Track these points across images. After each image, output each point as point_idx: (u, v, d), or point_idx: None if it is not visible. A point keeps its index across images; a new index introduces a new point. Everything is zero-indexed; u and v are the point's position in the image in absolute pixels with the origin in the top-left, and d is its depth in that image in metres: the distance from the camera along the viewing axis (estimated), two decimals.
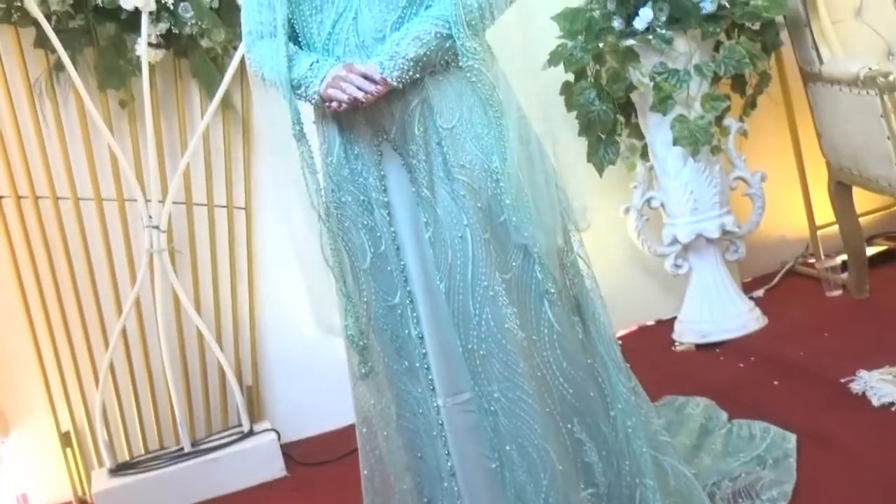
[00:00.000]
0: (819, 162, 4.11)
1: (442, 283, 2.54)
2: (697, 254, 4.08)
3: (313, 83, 2.47)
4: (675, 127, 3.81)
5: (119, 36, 3.78)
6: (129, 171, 3.75)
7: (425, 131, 2.50)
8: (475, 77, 2.46)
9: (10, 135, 3.82)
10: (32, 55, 3.80)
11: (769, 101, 4.17)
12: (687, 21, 3.78)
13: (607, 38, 3.82)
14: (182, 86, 3.96)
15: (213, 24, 3.78)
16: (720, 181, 4.00)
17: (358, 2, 2.46)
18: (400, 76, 2.42)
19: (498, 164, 2.48)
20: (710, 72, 3.83)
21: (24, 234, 3.87)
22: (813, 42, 3.87)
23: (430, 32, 2.42)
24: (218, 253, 4.05)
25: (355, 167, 2.57)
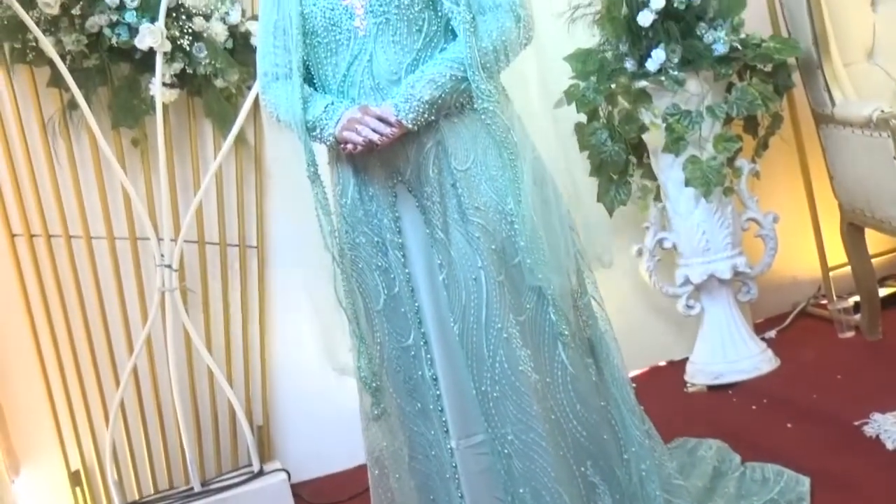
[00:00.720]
0: (831, 203, 4.11)
1: (456, 324, 2.55)
2: (709, 295, 4.07)
3: (328, 125, 2.49)
4: (688, 168, 3.81)
5: (133, 75, 3.79)
6: (141, 209, 3.76)
7: (440, 173, 2.51)
8: (490, 119, 2.48)
9: (23, 173, 3.83)
10: (47, 94, 3.81)
11: (781, 143, 4.17)
12: (699, 63, 3.79)
13: (619, 80, 3.83)
14: (195, 125, 3.97)
15: (226, 64, 3.79)
16: (732, 222, 4.00)
17: (373, 44, 2.48)
18: (415, 118, 2.43)
19: (513, 207, 2.49)
20: (723, 113, 3.83)
21: (36, 273, 3.87)
22: (825, 84, 3.88)
23: (445, 75, 2.44)
24: (230, 292, 4.05)
25: (370, 208, 2.58)
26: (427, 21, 2.48)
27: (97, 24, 3.65)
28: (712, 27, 3.81)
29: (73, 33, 3.65)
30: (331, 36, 2.50)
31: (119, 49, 3.71)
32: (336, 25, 2.49)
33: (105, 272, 3.91)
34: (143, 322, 3.88)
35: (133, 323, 3.94)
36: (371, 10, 2.46)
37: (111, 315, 3.93)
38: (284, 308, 4.10)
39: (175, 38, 3.69)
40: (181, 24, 3.69)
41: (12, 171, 3.82)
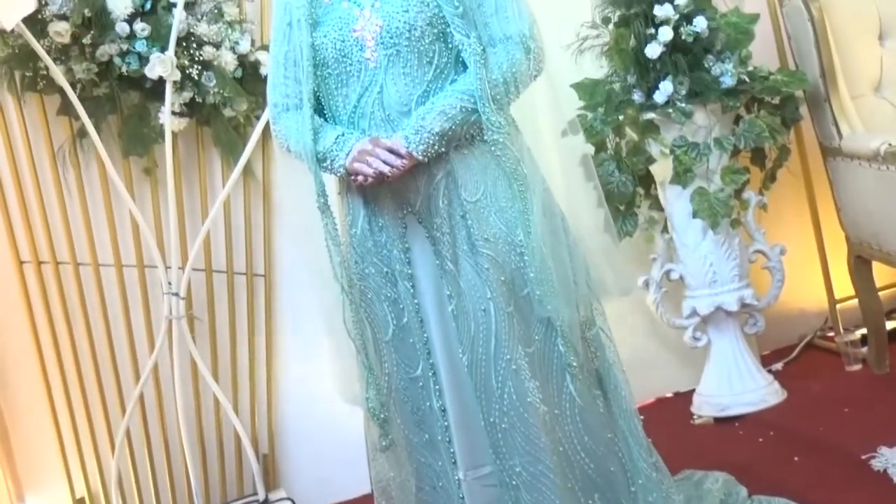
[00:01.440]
0: (838, 235, 4.11)
1: (464, 356, 2.55)
2: (716, 326, 4.07)
3: (339, 156, 2.50)
4: (695, 199, 3.82)
5: (143, 104, 3.81)
6: (149, 237, 3.76)
7: (450, 204, 2.52)
8: (500, 151, 2.49)
9: (32, 200, 3.84)
10: (57, 122, 3.83)
11: (789, 175, 4.17)
12: (707, 95, 3.80)
13: (627, 111, 3.85)
14: (204, 153, 3.99)
15: (235, 94, 3.80)
16: (739, 254, 4.00)
17: (383, 76, 2.49)
18: (425, 150, 2.44)
19: (522, 238, 2.50)
20: (730, 145, 3.84)
21: (43, 299, 3.88)
22: (833, 117, 3.89)
23: (455, 107, 2.45)
24: (237, 320, 4.05)
25: (379, 239, 2.59)
26: (437, 53, 2.49)
27: (107, 53, 3.67)
28: (720, 60, 3.82)
29: (83, 62, 3.67)
30: (341, 67, 2.52)
31: (129, 78, 3.72)
32: (347, 57, 2.51)
33: (112, 299, 3.92)
34: (150, 350, 3.88)
35: (140, 350, 3.94)
36: (382, 42, 2.48)
37: (118, 342, 3.93)
38: (291, 337, 4.10)
39: (185, 67, 3.70)
40: (191, 54, 3.71)
41: (22, 198, 3.83)
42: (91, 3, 3.59)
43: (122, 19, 3.64)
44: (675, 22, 3.77)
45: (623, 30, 3.85)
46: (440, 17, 2.47)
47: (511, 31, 2.50)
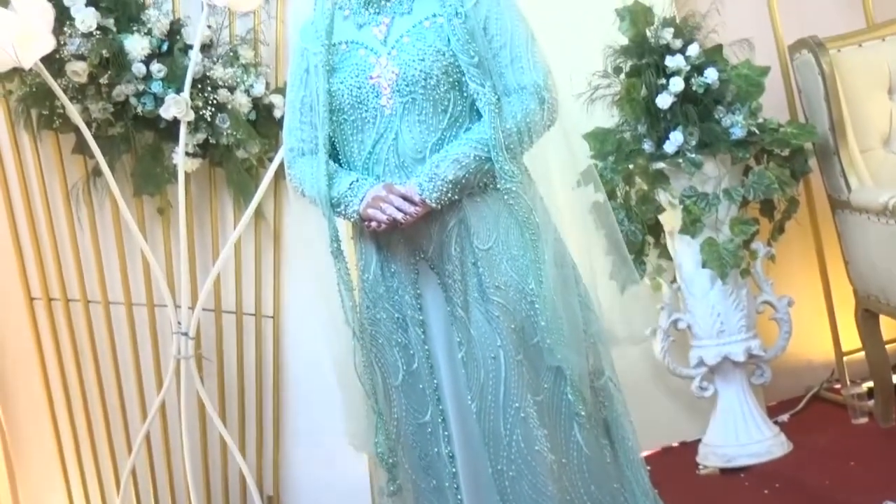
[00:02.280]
0: (846, 288, 4.12)
1: (473, 402, 2.56)
2: (723, 377, 4.07)
3: (353, 202, 2.51)
4: (705, 249, 3.83)
5: (157, 144, 3.84)
6: (160, 276, 3.78)
7: (462, 251, 2.54)
8: (512, 199, 2.51)
9: (45, 237, 3.88)
10: (71, 161, 3.87)
11: (797, 227, 4.18)
12: (717, 146, 3.82)
13: (637, 160, 3.87)
14: (216, 194, 4.01)
15: (248, 136, 3.83)
16: (747, 305, 4.00)
17: (399, 123, 2.51)
18: (439, 198, 2.46)
19: (533, 286, 2.51)
20: (739, 196, 3.86)
21: (53, 336, 3.90)
22: (841, 170, 3.91)
23: (469, 155, 2.47)
24: (245, 361, 4.06)
25: (391, 285, 2.60)
26: (452, 101, 2.51)
27: (124, 94, 3.72)
28: (730, 111, 3.85)
29: (99, 101, 3.72)
30: (357, 114, 2.54)
31: (144, 118, 3.76)
32: (363, 103, 2.53)
33: (122, 338, 3.94)
34: (158, 388, 3.89)
35: (147, 389, 3.96)
36: (398, 90, 2.50)
37: (126, 381, 3.95)
38: (299, 378, 4.11)
39: (199, 109, 3.74)
40: (206, 96, 3.74)
41: (34, 235, 3.87)
42: (109, 44, 3.64)
43: (139, 60, 3.69)
44: (686, 73, 3.80)
45: (634, 80, 3.88)
46: (456, 67, 2.49)
47: (526, 81, 2.52)
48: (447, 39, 2.50)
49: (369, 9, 2.57)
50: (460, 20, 2.48)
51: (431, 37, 2.51)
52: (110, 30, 3.67)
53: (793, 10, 4.35)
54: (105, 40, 3.64)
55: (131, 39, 3.68)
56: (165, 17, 3.79)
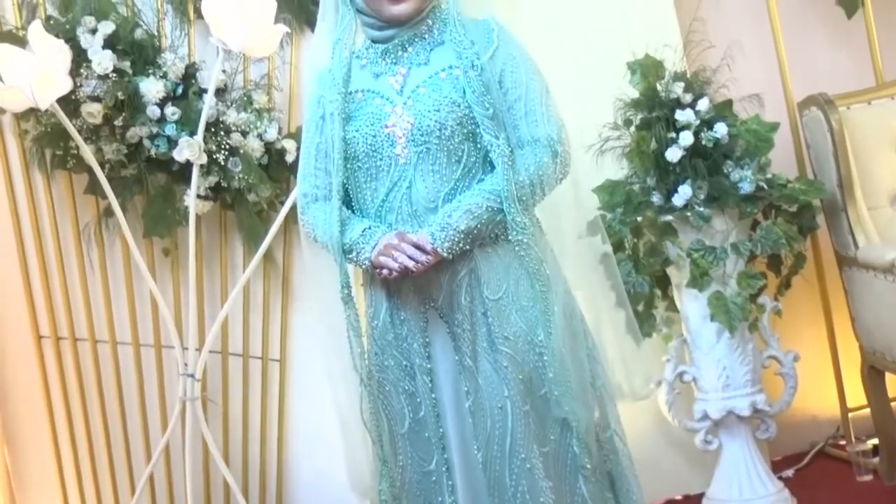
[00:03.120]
0: (852, 344, 4.12)
1: (479, 452, 2.56)
2: (728, 431, 4.06)
3: (365, 249, 2.53)
4: (712, 303, 3.84)
5: (169, 186, 3.87)
6: (168, 318, 3.79)
7: (472, 301, 2.55)
8: (523, 251, 2.52)
9: (55, 276, 3.90)
10: (83, 201, 3.89)
11: (804, 282, 4.19)
12: (725, 200, 3.83)
13: (646, 213, 3.88)
14: (226, 237, 4.03)
15: (260, 180, 3.85)
16: (753, 359, 4.00)
17: (412, 172, 2.53)
18: (450, 247, 2.48)
19: (542, 338, 2.52)
20: (747, 251, 3.87)
21: (59, 375, 3.92)
22: (849, 227, 3.92)
23: (481, 206, 2.49)
24: (250, 404, 4.07)
25: (400, 332, 2.61)
26: (466, 152, 2.53)
27: (137, 135, 3.74)
28: (739, 166, 3.86)
29: (113, 143, 3.74)
30: (371, 162, 2.56)
31: (157, 160, 3.79)
32: (377, 152, 2.55)
33: (128, 378, 3.96)
34: (163, 430, 3.89)
35: (152, 430, 3.96)
36: (412, 139, 2.52)
37: (131, 421, 3.96)
38: (303, 424, 4.11)
39: (212, 152, 3.76)
40: (219, 139, 3.77)
41: (44, 273, 3.89)
42: (124, 87, 3.67)
43: (154, 103, 3.71)
44: (695, 127, 3.82)
45: (644, 133, 3.90)
46: (470, 118, 2.51)
47: (539, 134, 2.54)
48: (463, 91, 2.52)
49: (386, 59, 2.60)
50: (476, 72, 2.50)
51: (447, 88, 2.53)
52: (126, 72, 3.70)
53: (803, 66, 4.38)
54: (121, 82, 3.67)
55: (147, 82, 3.71)
56: (181, 60, 3.82)
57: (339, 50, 2.59)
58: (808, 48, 4.49)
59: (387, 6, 2.54)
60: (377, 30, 2.60)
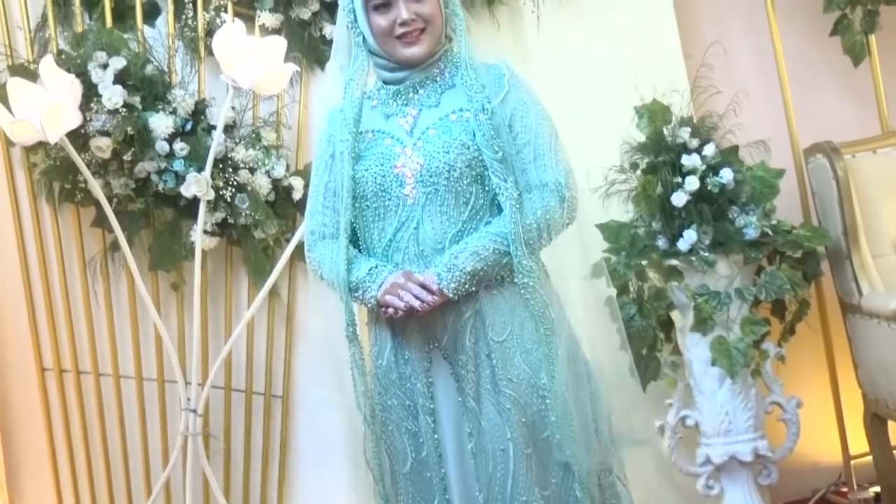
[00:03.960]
0: (855, 391, 4.12)
1: (481, 494, 2.56)
2: (730, 476, 4.05)
3: (371, 288, 2.54)
4: (715, 348, 3.84)
5: (176, 221, 3.88)
6: (172, 352, 3.79)
7: (476, 343, 2.56)
8: (529, 294, 2.53)
9: (60, 309, 3.91)
10: (90, 234, 3.91)
11: (808, 329, 4.19)
12: (730, 245, 3.84)
13: (651, 256, 3.89)
14: (232, 273, 4.04)
15: (266, 217, 3.87)
16: (756, 404, 4.00)
17: (420, 212, 2.54)
18: (456, 288, 2.48)
19: (546, 381, 2.53)
20: (751, 296, 3.87)
21: (62, 408, 3.92)
22: (853, 274, 3.93)
23: (488, 248, 2.50)
24: (252, 440, 4.06)
25: (404, 372, 2.61)
26: (474, 194, 2.54)
27: (146, 170, 3.76)
28: (744, 211, 3.87)
29: (121, 177, 3.76)
30: (380, 201, 2.57)
31: (164, 195, 3.81)
32: (386, 192, 2.56)
33: (130, 412, 3.96)
34: (164, 464, 3.89)
35: (154, 464, 3.96)
36: (421, 180, 2.54)
37: (133, 455, 3.96)
38: (305, 461, 4.10)
39: (219, 189, 3.77)
40: (227, 176, 3.79)
41: (50, 306, 3.90)
42: (134, 122, 3.69)
43: (163, 138, 3.73)
44: (701, 172, 3.83)
45: (650, 177, 3.91)
46: (479, 161, 2.53)
47: (547, 178, 2.56)
48: (472, 134, 2.54)
49: (397, 100, 2.61)
50: (486, 116, 2.52)
51: (457, 130, 2.55)
52: (136, 107, 3.72)
53: (809, 113, 4.40)
54: (130, 118, 3.69)
55: (156, 118, 3.73)
56: (191, 97, 3.85)
57: (350, 90, 2.61)
58: (815, 96, 4.51)
59: (399, 48, 2.56)
60: (389, 71, 2.62)
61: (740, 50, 4.43)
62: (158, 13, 4.02)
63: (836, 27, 4.29)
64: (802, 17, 4.44)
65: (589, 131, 3.90)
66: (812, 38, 4.46)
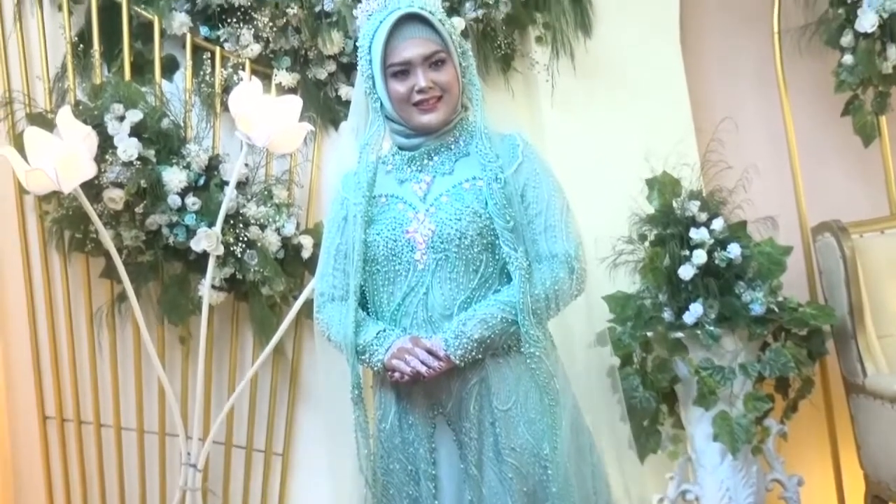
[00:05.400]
0: (857, 471, 4.10)
1: None
2: None
3: (378, 351, 2.54)
4: (717, 423, 3.84)
5: (184, 275, 3.90)
6: (174, 406, 3.79)
7: (480, 410, 2.56)
8: (535, 364, 2.54)
9: (64, 358, 3.92)
10: (98, 284, 3.92)
11: (811, 407, 4.18)
12: (736, 320, 3.85)
13: (657, 328, 3.90)
14: (237, 328, 4.05)
15: (275, 274, 3.88)
16: (757, 481, 3.99)
17: (430, 278, 2.55)
18: (463, 355, 2.49)
19: (548, 452, 2.53)
20: (755, 372, 3.87)
21: (62, 457, 3.91)
22: (858, 354, 3.93)
23: (496, 316, 2.51)
24: (250, 497, 4.05)
25: (407, 437, 2.61)
26: (484, 263, 2.56)
27: (157, 223, 3.78)
28: (751, 287, 3.88)
29: (132, 229, 3.78)
30: (390, 266, 2.58)
31: (174, 248, 3.82)
32: (397, 256, 2.57)
33: (130, 464, 3.96)
34: None
35: None
36: (432, 246, 2.55)
37: None
38: None
39: (229, 244, 3.79)
40: (237, 231, 3.81)
41: (55, 354, 3.91)
42: (148, 174, 3.71)
43: (175, 192, 3.75)
44: (709, 246, 3.85)
45: (658, 249, 3.93)
46: (491, 229, 2.54)
47: (558, 249, 2.57)
48: (485, 202, 2.55)
49: (412, 166, 2.63)
50: (499, 185, 2.54)
51: (470, 198, 2.57)
52: (150, 160, 3.75)
53: (818, 191, 4.43)
54: (144, 170, 3.72)
55: (169, 171, 3.76)
56: (205, 152, 3.88)
57: (366, 154, 2.63)
58: (824, 174, 4.54)
59: (416, 115, 2.58)
60: (405, 137, 2.64)
61: (751, 126, 4.47)
62: (177, 68, 4.07)
63: (847, 107, 4.33)
64: (814, 96, 4.48)
65: (598, 201, 3.93)
66: (823, 117, 4.50)
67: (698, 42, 4.48)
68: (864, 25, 4.11)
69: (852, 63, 4.19)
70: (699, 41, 4.49)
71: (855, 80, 4.21)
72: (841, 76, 4.23)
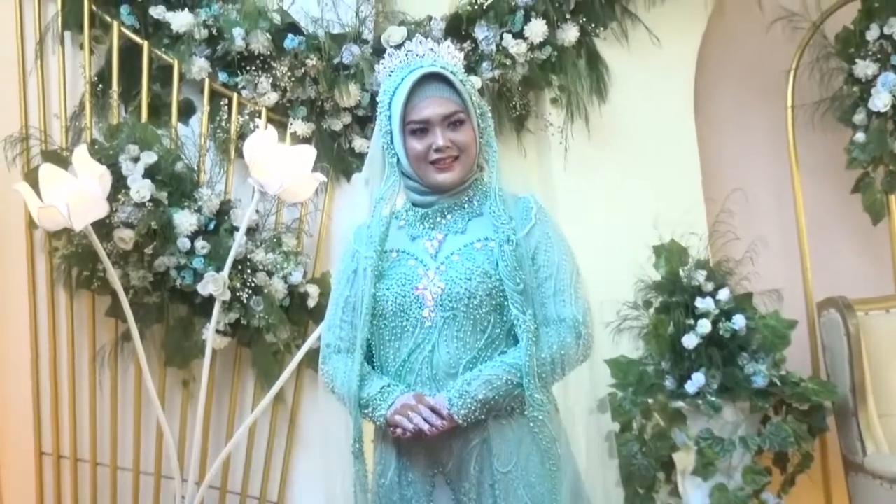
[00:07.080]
0: None
1: None
2: None
3: (381, 406, 2.54)
4: (714, 495, 3.82)
5: (189, 318, 3.90)
6: (172, 449, 3.78)
7: (480, 472, 2.55)
8: (537, 427, 2.53)
9: (65, 395, 3.91)
10: (103, 322, 3.92)
11: (809, 482, 4.16)
12: (737, 392, 3.85)
13: (658, 396, 3.89)
14: (239, 373, 4.05)
15: (280, 321, 3.89)
16: None
17: (437, 336, 2.55)
18: (466, 415, 2.49)
19: None
20: (755, 445, 3.86)
21: (56, 494, 3.89)
22: (858, 433, 3.92)
23: (501, 378, 2.50)
24: None
25: (406, 493, 2.60)
26: (492, 323, 2.56)
27: (165, 265, 3.79)
28: (754, 359, 3.88)
29: (140, 270, 3.79)
30: (398, 321, 2.58)
31: (181, 291, 3.83)
32: (405, 312, 2.57)
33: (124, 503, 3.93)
34: None
35: None
36: (441, 304, 2.55)
37: None
38: None
39: (236, 289, 3.80)
40: (244, 277, 3.81)
41: (55, 390, 3.91)
42: (159, 216, 3.73)
43: (185, 235, 3.77)
44: (714, 316, 3.86)
45: (663, 316, 3.93)
46: (500, 290, 2.54)
47: (566, 314, 2.57)
48: (496, 263, 2.56)
49: (425, 223, 2.64)
50: (511, 247, 2.55)
51: (481, 258, 2.57)
52: (162, 202, 3.77)
53: (825, 267, 4.44)
54: (156, 212, 3.73)
55: (181, 214, 3.78)
56: (217, 196, 3.90)
57: (379, 208, 2.64)
58: (832, 249, 4.55)
59: (432, 173, 2.59)
60: (420, 194, 2.65)
61: (761, 198, 4.49)
62: (193, 112, 4.10)
63: (857, 184, 4.35)
64: (825, 172, 4.50)
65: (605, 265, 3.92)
66: (833, 193, 4.51)
67: (712, 112, 4.51)
68: (877, 105, 4.14)
69: (864, 141, 4.22)
70: (713, 111, 4.52)
71: (866, 157, 4.23)
72: (852, 153, 4.25)
